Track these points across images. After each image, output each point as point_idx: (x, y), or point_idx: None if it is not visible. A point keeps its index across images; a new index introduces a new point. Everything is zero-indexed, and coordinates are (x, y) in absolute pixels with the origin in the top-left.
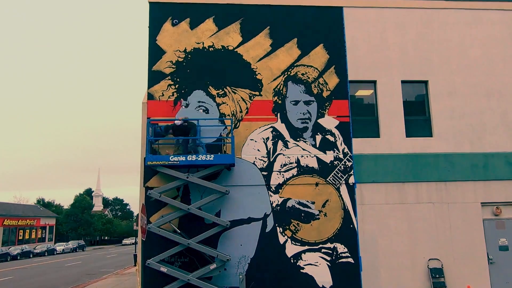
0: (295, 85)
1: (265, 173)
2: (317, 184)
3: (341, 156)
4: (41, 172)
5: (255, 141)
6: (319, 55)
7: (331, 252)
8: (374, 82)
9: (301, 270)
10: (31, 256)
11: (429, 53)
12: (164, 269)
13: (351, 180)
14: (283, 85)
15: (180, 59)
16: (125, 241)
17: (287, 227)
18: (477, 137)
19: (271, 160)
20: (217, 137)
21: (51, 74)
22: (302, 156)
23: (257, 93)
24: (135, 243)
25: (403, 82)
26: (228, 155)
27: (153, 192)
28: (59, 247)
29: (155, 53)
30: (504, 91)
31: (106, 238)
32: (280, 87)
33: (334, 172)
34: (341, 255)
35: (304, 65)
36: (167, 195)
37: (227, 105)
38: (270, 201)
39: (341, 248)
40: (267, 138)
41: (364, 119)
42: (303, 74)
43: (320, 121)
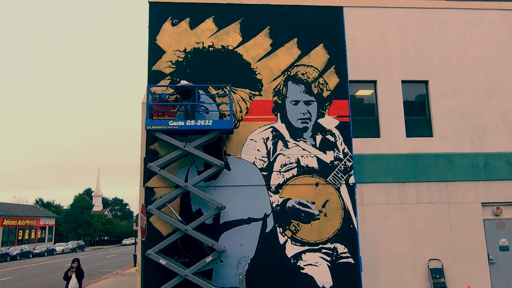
0: (295, 85)
1: (265, 173)
2: (317, 184)
3: (341, 156)
4: (40, 172)
5: (255, 141)
6: (319, 55)
7: (331, 252)
8: (374, 82)
9: (301, 271)
10: (30, 256)
11: (430, 53)
12: (163, 261)
13: (351, 180)
14: (283, 85)
15: (180, 59)
16: (125, 241)
17: (287, 227)
18: (478, 137)
19: (271, 160)
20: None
21: (50, 74)
22: (302, 156)
23: (257, 93)
24: (135, 243)
25: (403, 82)
26: (227, 120)
27: (153, 165)
28: (59, 247)
29: (155, 53)
30: (505, 91)
31: (106, 238)
32: (280, 87)
33: (334, 172)
34: (341, 255)
35: (304, 65)
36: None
37: (227, 105)
38: (270, 201)
39: (341, 248)
40: (267, 138)
41: (364, 119)
42: (303, 74)
43: (320, 121)
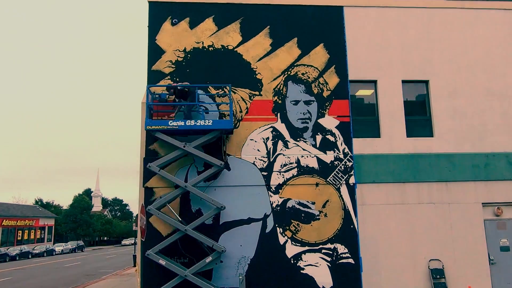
0: (295, 84)
1: (265, 173)
2: (317, 185)
3: (341, 156)
4: (40, 172)
5: (255, 141)
6: (319, 55)
7: (331, 252)
8: (375, 82)
9: (301, 271)
10: (30, 256)
11: (430, 52)
12: (162, 262)
13: (352, 180)
14: (283, 84)
15: (180, 59)
16: (125, 241)
17: (287, 227)
18: (478, 137)
19: (271, 160)
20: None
21: (50, 73)
22: (302, 156)
23: (257, 93)
24: (135, 243)
25: (404, 82)
26: (227, 120)
27: (152, 165)
28: (58, 247)
29: (155, 52)
30: (506, 90)
31: (105, 238)
32: (280, 86)
33: (335, 172)
34: (341, 255)
35: (304, 65)
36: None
37: (227, 105)
38: (270, 201)
39: (341, 248)
40: (267, 138)
41: (364, 119)
42: (303, 74)
43: (320, 121)
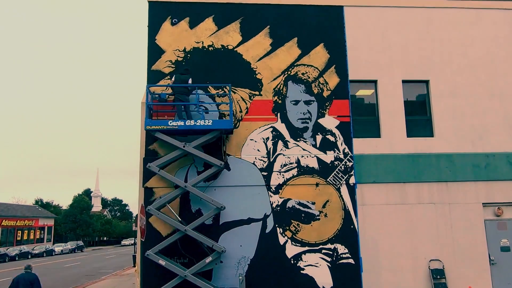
0: (295, 84)
1: (265, 173)
2: (317, 185)
3: (341, 156)
4: (39, 172)
5: (255, 141)
6: (319, 55)
7: (331, 253)
8: (375, 82)
9: (302, 271)
10: (29, 257)
11: (431, 52)
12: (162, 262)
13: (352, 180)
14: (283, 84)
15: (180, 59)
16: (124, 241)
17: (287, 227)
18: (479, 137)
19: (271, 160)
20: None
21: (49, 73)
22: (302, 156)
23: (257, 92)
24: (134, 243)
25: (404, 81)
26: (227, 120)
27: (152, 165)
28: (58, 248)
29: (155, 52)
30: (506, 91)
31: (105, 238)
32: (280, 86)
33: (335, 172)
34: (341, 256)
35: (305, 65)
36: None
37: (226, 104)
38: (270, 201)
39: (341, 249)
40: (267, 138)
41: (364, 119)
42: (303, 74)
43: (320, 121)
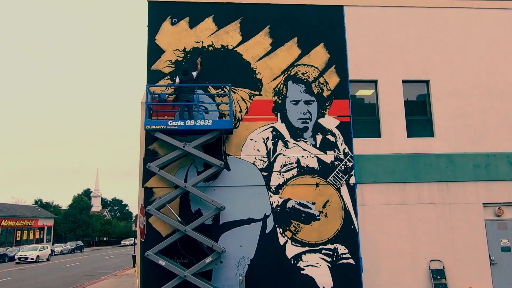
0: (295, 84)
1: (265, 173)
2: (317, 185)
3: (341, 156)
4: (39, 172)
5: (255, 141)
6: (319, 55)
7: (331, 253)
8: (375, 82)
9: (302, 271)
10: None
11: (431, 52)
12: (162, 262)
13: (352, 180)
14: (283, 84)
15: (179, 59)
16: (124, 242)
17: (287, 228)
18: (479, 137)
19: (271, 160)
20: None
21: (49, 73)
22: (303, 156)
23: (257, 92)
24: (134, 244)
25: (404, 81)
26: (227, 120)
27: (152, 165)
28: (57, 248)
29: (154, 52)
30: (507, 90)
31: (105, 239)
32: (280, 86)
33: (335, 172)
34: (341, 256)
35: (305, 65)
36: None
37: (226, 104)
38: (270, 201)
39: (341, 249)
40: (267, 138)
41: (365, 119)
42: (303, 74)
43: (320, 121)
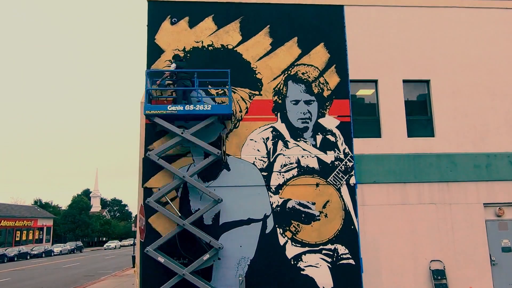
0: (296, 84)
1: (265, 173)
2: (317, 185)
3: (342, 156)
4: (38, 172)
5: (255, 141)
6: (319, 54)
7: (331, 253)
8: (376, 82)
9: (302, 272)
10: (28, 257)
11: (431, 52)
12: (161, 259)
13: (352, 180)
14: (283, 84)
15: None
16: (124, 242)
17: (287, 228)
18: (480, 137)
19: (271, 160)
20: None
21: (48, 73)
22: (303, 157)
23: (257, 92)
24: (134, 244)
25: (404, 81)
26: (226, 105)
27: (151, 153)
28: (57, 248)
29: (154, 52)
30: (507, 90)
31: (104, 239)
32: (280, 86)
33: (335, 172)
34: (342, 256)
35: (305, 64)
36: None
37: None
38: (270, 202)
39: (342, 249)
40: (267, 138)
41: (365, 119)
42: (303, 74)
43: (320, 121)
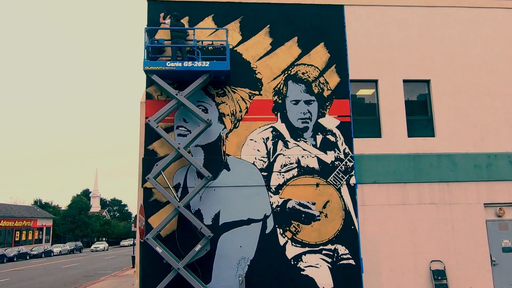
0: (296, 84)
1: (265, 173)
2: (317, 185)
3: (342, 156)
4: (38, 173)
5: (255, 141)
6: (319, 54)
7: (332, 253)
8: (376, 81)
9: (302, 272)
10: (27, 257)
11: (432, 51)
12: (159, 249)
13: (352, 180)
14: (283, 84)
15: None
16: (123, 242)
17: (287, 228)
18: (480, 137)
19: (271, 160)
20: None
21: (48, 73)
22: (303, 157)
23: (257, 92)
24: (133, 244)
25: (405, 81)
26: (224, 62)
27: (151, 119)
28: (56, 248)
29: (154, 52)
30: (508, 90)
31: (104, 239)
32: (280, 86)
33: (335, 172)
34: (342, 256)
35: (305, 64)
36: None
37: (226, 104)
38: (270, 202)
39: (342, 249)
40: (267, 138)
41: (365, 119)
42: (303, 73)
43: (320, 121)
